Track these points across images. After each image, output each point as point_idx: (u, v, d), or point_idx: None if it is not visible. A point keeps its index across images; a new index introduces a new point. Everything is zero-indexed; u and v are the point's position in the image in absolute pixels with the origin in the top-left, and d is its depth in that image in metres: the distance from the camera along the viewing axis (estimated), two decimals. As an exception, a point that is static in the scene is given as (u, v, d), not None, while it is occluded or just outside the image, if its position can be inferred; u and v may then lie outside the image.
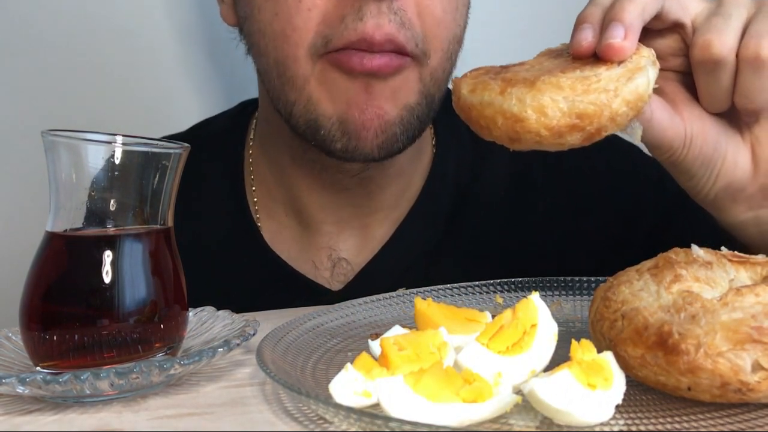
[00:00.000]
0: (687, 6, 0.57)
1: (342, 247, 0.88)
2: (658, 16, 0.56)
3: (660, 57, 0.58)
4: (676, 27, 0.58)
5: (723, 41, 0.55)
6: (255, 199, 0.91)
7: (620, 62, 0.52)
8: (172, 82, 1.18)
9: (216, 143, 0.93)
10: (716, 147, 0.60)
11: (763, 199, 0.61)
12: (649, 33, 0.58)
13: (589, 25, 0.54)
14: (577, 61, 0.53)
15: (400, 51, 0.72)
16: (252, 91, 0.96)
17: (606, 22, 0.53)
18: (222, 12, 0.85)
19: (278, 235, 0.90)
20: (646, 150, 0.91)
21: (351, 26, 0.70)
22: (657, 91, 0.57)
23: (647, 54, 0.53)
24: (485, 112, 0.52)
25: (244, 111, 0.96)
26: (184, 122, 1.03)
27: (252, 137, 0.93)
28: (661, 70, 0.59)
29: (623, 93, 0.51)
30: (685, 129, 0.59)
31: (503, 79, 0.52)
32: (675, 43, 0.59)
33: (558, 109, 0.50)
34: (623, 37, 0.52)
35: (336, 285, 0.87)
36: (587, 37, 0.53)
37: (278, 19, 0.73)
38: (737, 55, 0.55)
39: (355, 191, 0.86)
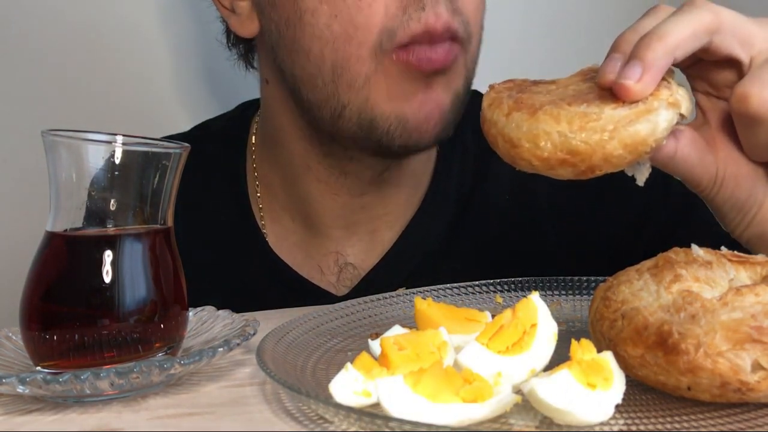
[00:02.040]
0: (750, 41, 0.52)
1: (350, 251, 0.87)
2: (706, 50, 0.52)
3: (714, 86, 0.56)
4: (733, 61, 0.53)
5: (764, 97, 0.50)
6: (260, 205, 0.90)
7: (634, 102, 0.50)
8: (172, 83, 1.18)
9: (216, 145, 0.93)
10: (751, 194, 0.56)
11: None
12: (703, 61, 0.55)
13: (620, 56, 0.51)
14: (602, 90, 0.51)
15: (453, 38, 0.73)
16: (253, 92, 0.96)
17: (629, 58, 0.50)
18: (233, 25, 0.83)
19: (284, 239, 0.89)
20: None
21: (414, 17, 0.70)
22: (699, 122, 0.56)
23: (666, 96, 0.50)
24: (491, 131, 0.53)
25: (245, 113, 0.96)
26: (185, 122, 1.03)
27: (254, 141, 0.92)
28: (716, 97, 0.56)
29: (621, 135, 0.49)
30: (717, 170, 0.55)
31: (516, 100, 0.52)
32: (731, 75, 0.54)
33: (550, 141, 0.50)
34: (637, 79, 0.49)
35: (342, 290, 0.87)
36: (613, 70, 0.50)
37: (338, 21, 0.72)
38: None
39: (370, 195, 0.85)
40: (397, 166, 0.84)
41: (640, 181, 0.54)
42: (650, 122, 0.49)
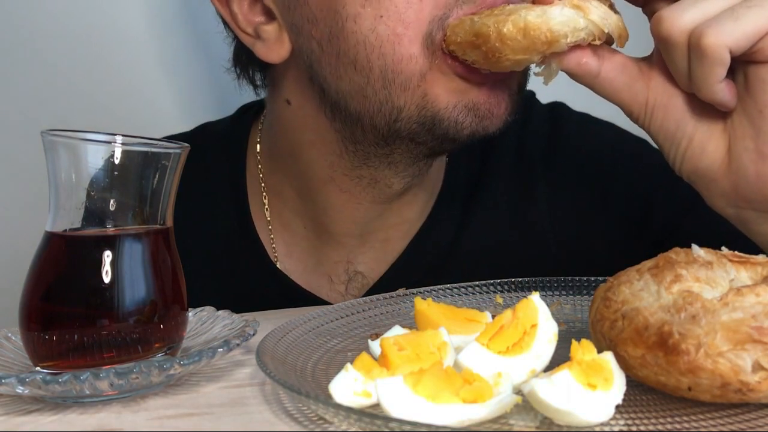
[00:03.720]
0: None
1: (360, 260, 0.86)
2: None
3: None
4: None
5: (674, 20, 0.54)
6: (268, 217, 0.88)
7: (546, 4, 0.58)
8: (172, 83, 1.18)
9: (216, 148, 0.92)
10: (679, 125, 0.58)
11: (739, 200, 0.58)
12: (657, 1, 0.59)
13: None
14: None
15: None
16: (254, 94, 0.96)
17: None
18: (259, 51, 0.76)
19: (293, 246, 0.88)
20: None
21: (468, 0, 0.67)
22: (648, 57, 0.60)
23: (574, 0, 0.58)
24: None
25: (245, 116, 0.94)
26: (185, 124, 1.03)
27: (258, 150, 0.90)
28: None
29: (515, 19, 0.58)
30: (648, 98, 0.59)
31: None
32: None
33: (465, 26, 0.62)
34: None
35: (349, 299, 0.86)
36: None
37: (384, 21, 0.67)
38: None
39: (392, 202, 0.84)
40: (426, 170, 0.82)
41: (545, 81, 0.62)
42: (545, 13, 0.58)
